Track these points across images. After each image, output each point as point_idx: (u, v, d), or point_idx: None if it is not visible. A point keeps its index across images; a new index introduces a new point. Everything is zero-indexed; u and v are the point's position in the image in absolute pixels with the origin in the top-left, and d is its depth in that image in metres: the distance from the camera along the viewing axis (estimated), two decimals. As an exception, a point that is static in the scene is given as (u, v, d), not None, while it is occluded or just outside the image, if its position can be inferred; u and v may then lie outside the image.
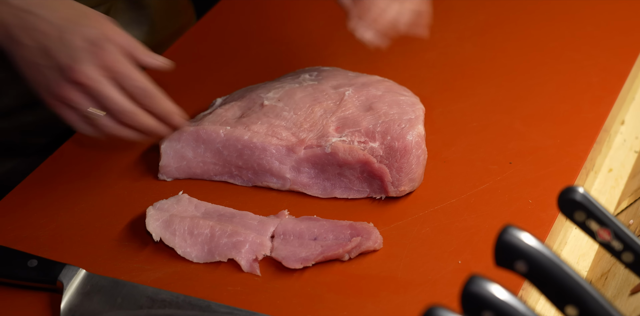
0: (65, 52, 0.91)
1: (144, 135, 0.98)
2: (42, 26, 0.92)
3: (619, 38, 1.23)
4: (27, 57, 0.92)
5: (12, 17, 0.92)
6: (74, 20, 0.93)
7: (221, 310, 0.88)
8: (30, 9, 0.92)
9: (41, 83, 0.93)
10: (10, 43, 0.92)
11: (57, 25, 0.92)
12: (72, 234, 0.99)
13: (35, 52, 0.92)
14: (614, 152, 1.13)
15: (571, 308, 0.64)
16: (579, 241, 1.02)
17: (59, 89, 0.92)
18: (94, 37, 0.92)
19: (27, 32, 0.92)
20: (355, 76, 1.10)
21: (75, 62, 0.91)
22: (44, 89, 0.93)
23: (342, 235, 0.95)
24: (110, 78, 0.92)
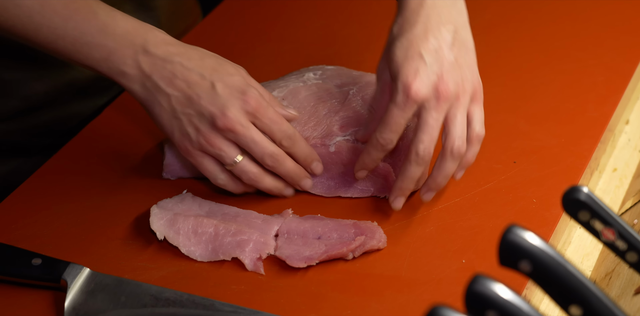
0: (213, 99, 0.93)
1: (284, 184, 0.99)
2: (186, 75, 0.93)
3: (623, 37, 1.23)
4: (170, 107, 0.93)
5: (153, 67, 0.93)
6: (216, 68, 0.94)
7: (225, 309, 0.88)
8: (171, 59, 0.93)
9: (184, 132, 0.94)
10: (149, 93, 0.93)
11: (201, 74, 0.93)
12: (76, 233, 0.99)
13: (181, 101, 0.93)
14: (619, 151, 1.13)
15: (575, 308, 0.64)
16: (583, 241, 1.01)
17: (206, 137, 0.93)
18: (238, 84, 0.94)
19: (171, 81, 0.93)
20: (359, 75, 1.10)
21: (225, 109, 0.92)
22: (187, 138, 0.94)
23: (346, 234, 0.95)
24: (256, 123, 0.94)
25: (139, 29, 0.94)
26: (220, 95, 0.93)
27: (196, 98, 0.93)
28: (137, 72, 0.93)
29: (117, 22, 0.94)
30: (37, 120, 1.18)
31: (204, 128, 0.93)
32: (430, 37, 0.93)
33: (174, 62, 0.93)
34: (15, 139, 1.18)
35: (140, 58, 0.93)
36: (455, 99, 0.93)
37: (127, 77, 0.93)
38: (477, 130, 0.96)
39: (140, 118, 1.13)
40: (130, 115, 1.15)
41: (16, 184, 1.06)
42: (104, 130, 1.14)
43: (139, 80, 0.93)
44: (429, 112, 0.92)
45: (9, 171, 1.18)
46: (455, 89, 0.93)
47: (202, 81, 0.93)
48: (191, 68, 0.94)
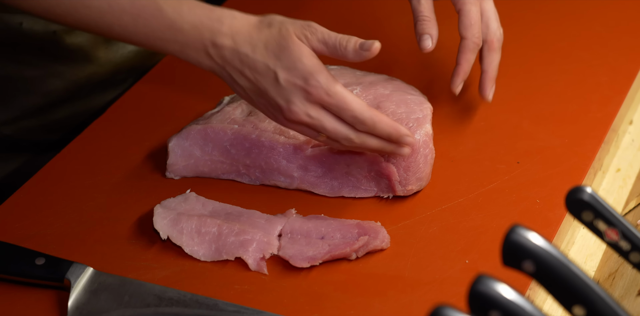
0: (279, 93, 0.93)
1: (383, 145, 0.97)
2: (252, 66, 0.93)
3: (627, 38, 1.23)
4: (247, 95, 0.95)
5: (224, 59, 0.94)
6: (278, 54, 0.93)
7: (228, 309, 0.88)
8: (238, 50, 0.94)
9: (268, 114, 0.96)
10: (229, 81, 0.95)
11: (265, 63, 0.93)
12: (79, 232, 0.99)
13: (254, 91, 0.94)
14: (622, 151, 1.13)
15: (578, 308, 0.64)
16: (587, 241, 1.01)
17: (285, 125, 0.95)
18: (303, 72, 0.93)
19: (242, 72, 0.94)
20: (362, 75, 1.10)
21: (290, 104, 0.92)
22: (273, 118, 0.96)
23: (349, 234, 0.95)
24: (329, 111, 0.93)
25: (205, 21, 0.94)
26: (285, 88, 0.93)
27: (264, 90, 0.93)
28: (212, 64, 0.94)
29: (184, 17, 0.94)
30: (56, 116, 1.19)
31: (279, 117, 0.94)
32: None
33: (241, 53, 0.94)
34: (34, 136, 1.19)
35: (210, 51, 0.94)
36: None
37: (207, 67, 0.95)
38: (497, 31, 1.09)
39: (143, 118, 1.13)
40: (133, 114, 1.15)
41: (28, 178, 1.07)
42: (107, 129, 1.14)
43: (218, 70, 0.95)
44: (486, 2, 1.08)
45: (21, 165, 1.19)
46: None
47: (267, 72, 0.93)
48: (257, 59, 0.93)
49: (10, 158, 1.20)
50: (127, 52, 1.21)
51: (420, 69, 1.20)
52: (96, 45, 1.17)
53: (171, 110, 1.16)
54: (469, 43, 1.05)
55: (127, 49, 1.21)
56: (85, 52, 1.16)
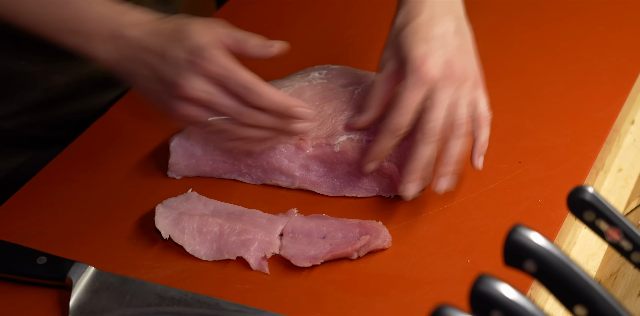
0: (170, 70, 0.93)
1: (274, 133, 0.97)
2: (148, 54, 0.93)
3: (629, 38, 1.23)
4: (146, 86, 0.94)
5: (124, 50, 0.94)
6: (174, 35, 0.94)
7: (230, 308, 0.88)
8: (141, 38, 0.94)
9: (163, 108, 0.95)
10: (127, 75, 0.95)
11: (160, 46, 0.93)
12: (81, 231, 0.99)
13: (151, 79, 0.94)
14: (624, 151, 1.13)
15: (580, 308, 0.64)
16: (588, 241, 1.01)
17: (175, 109, 0.93)
18: (192, 48, 0.92)
19: (143, 61, 0.94)
20: (364, 75, 1.10)
21: (179, 78, 0.92)
22: (167, 113, 0.95)
23: (350, 234, 0.95)
24: (217, 84, 0.93)
25: (114, 12, 0.95)
26: (175, 65, 0.92)
27: (160, 73, 0.93)
28: (116, 55, 0.94)
29: (91, 8, 0.95)
30: (57, 113, 1.19)
31: (172, 101, 0.93)
32: (435, 25, 0.98)
33: (146, 41, 0.94)
34: (35, 131, 1.19)
35: (117, 41, 0.94)
36: (460, 82, 0.97)
37: (103, 61, 0.95)
38: (484, 112, 0.99)
39: (145, 118, 1.13)
40: (134, 114, 1.15)
41: (31, 175, 1.07)
42: (109, 128, 1.14)
43: (112, 63, 0.94)
44: (439, 92, 0.95)
45: (25, 162, 1.19)
46: (461, 72, 0.97)
47: (162, 54, 0.93)
48: (158, 44, 0.93)
49: (12, 154, 1.20)
50: None
51: (422, 69, 1.20)
52: None
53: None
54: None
55: None
56: None
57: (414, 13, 0.99)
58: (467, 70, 0.98)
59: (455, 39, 0.99)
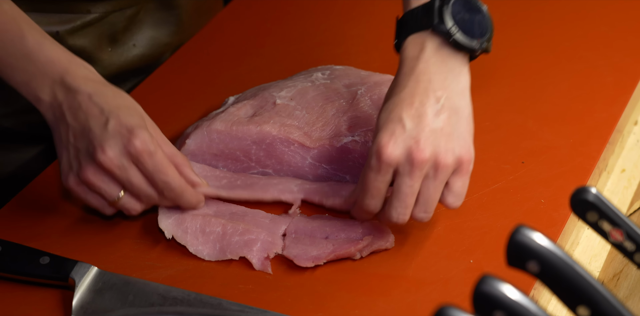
0: (101, 134, 0.92)
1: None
2: (89, 108, 0.93)
3: (632, 38, 1.23)
4: (66, 137, 0.93)
5: (65, 97, 0.93)
6: (120, 106, 0.93)
7: (232, 308, 0.88)
8: (83, 91, 0.93)
9: (71, 166, 0.93)
10: (55, 121, 0.94)
11: (102, 108, 0.93)
12: (84, 231, 0.99)
13: (76, 132, 0.93)
14: (627, 152, 1.13)
15: (583, 309, 0.64)
16: (591, 242, 1.01)
17: (86, 173, 0.92)
18: (132, 124, 0.92)
19: (74, 112, 0.93)
20: (367, 75, 1.10)
21: (106, 146, 0.91)
22: (72, 172, 0.93)
23: (353, 234, 0.95)
24: (138, 166, 0.93)
25: (63, 59, 0.94)
26: (109, 131, 0.92)
27: (88, 131, 0.92)
28: (51, 100, 0.93)
29: (43, 49, 0.94)
30: None
31: (85, 164, 0.92)
32: (416, 102, 0.89)
33: (84, 94, 0.93)
34: (36, 130, 1.19)
35: (56, 87, 0.93)
36: (431, 168, 0.89)
37: (41, 103, 0.94)
38: (450, 203, 0.92)
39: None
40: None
41: (34, 175, 1.07)
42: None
43: (51, 108, 0.93)
44: (402, 178, 0.88)
45: (27, 161, 1.19)
46: (433, 157, 0.88)
47: (100, 115, 0.93)
48: (96, 102, 0.93)
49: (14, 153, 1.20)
50: (132, 55, 1.21)
51: (425, 69, 1.20)
52: (100, 48, 1.17)
53: (175, 110, 1.16)
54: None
55: (132, 53, 1.21)
56: (88, 53, 1.16)
57: (399, 87, 0.91)
58: (445, 154, 0.88)
59: (438, 119, 0.89)
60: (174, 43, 1.25)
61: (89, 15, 1.14)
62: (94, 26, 1.15)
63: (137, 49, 1.21)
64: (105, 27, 1.16)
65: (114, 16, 1.16)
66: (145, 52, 1.22)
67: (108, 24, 1.16)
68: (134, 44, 1.21)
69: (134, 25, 1.19)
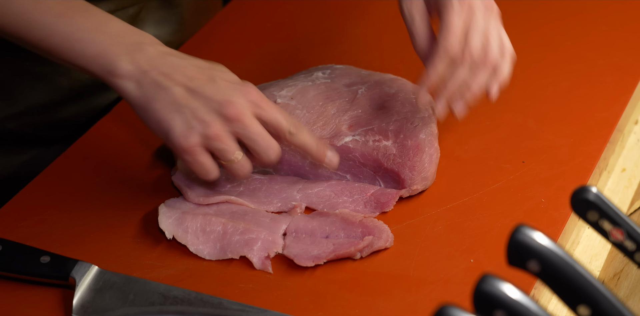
0: (217, 91, 0.91)
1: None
2: (184, 70, 0.92)
3: (633, 37, 1.23)
4: (172, 101, 0.90)
5: (151, 63, 0.91)
6: (211, 66, 0.94)
7: (233, 307, 0.88)
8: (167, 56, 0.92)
9: (189, 126, 0.91)
10: (147, 90, 0.91)
11: (199, 68, 0.92)
12: (84, 231, 0.99)
13: (184, 94, 0.91)
14: (628, 151, 1.13)
15: (583, 308, 0.64)
16: (592, 241, 1.01)
17: (214, 129, 0.90)
18: (236, 78, 0.93)
19: (170, 76, 0.91)
20: (368, 74, 1.10)
21: (230, 98, 0.91)
22: (191, 133, 0.90)
23: (353, 233, 0.95)
24: (260, 114, 0.92)
25: (134, 30, 0.93)
26: (221, 87, 0.91)
27: (199, 90, 0.91)
28: (133, 68, 0.91)
29: (111, 22, 0.93)
30: (61, 114, 1.19)
31: (211, 119, 0.90)
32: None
33: (170, 58, 0.92)
34: (38, 131, 1.19)
35: (136, 55, 0.91)
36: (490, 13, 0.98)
37: (120, 74, 0.91)
38: (509, 46, 0.98)
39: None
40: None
41: (35, 173, 1.07)
42: (112, 128, 1.14)
43: (135, 77, 0.91)
44: (476, 18, 0.95)
45: (28, 161, 1.19)
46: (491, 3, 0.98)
47: (200, 75, 0.92)
48: (188, 64, 0.92)
49: (16, 153, 1.20)
50: None
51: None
52: None
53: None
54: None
55: None
56: None
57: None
58: (492, 3, 0.98)
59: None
60: (176, 41, 1.25)
61: None
62: None
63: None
64: None
65: (117, 15, 1.16)
66: None
67: None
68: None
69: (136, 24, 1.19)
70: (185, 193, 1.00)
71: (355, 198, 1.00)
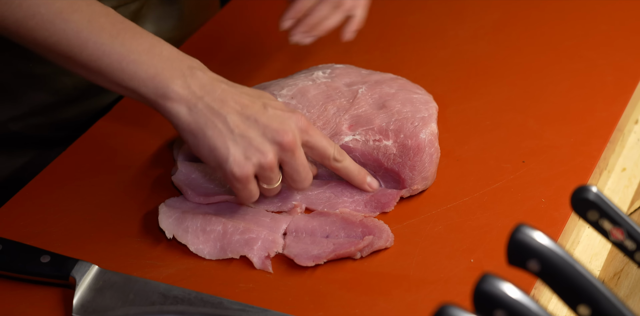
0: (272, 119, 0.91)
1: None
2: (237, 98, 0.92)
3: (633, 37, 1.23)
4: (227, 129, 0.90)
5: (204, 89, 0.91)
6: (259, 93, 0.94)
7: (233, 307, 0.88)
8: (219, 84, 0.92)
9: (246, 155, 0.91)
10: (201, 115, 0.90)
11: (250, 96, 0.93)
12: (85, 230, 0.99)
13: (238, 123, 0.91)
14: (628, 151, 1.13)
15: (583, 308, 0.64)
16: (592, 241, 1.01)
17: (268, 158, 0.91)
18: (284, 105, 0.94)
19: (224, 103, 0.91)
20: (368, 74, 1.10)
21: (285, 126, 0.91)
22: (247, 162, 0.90)
23: (353, 233, 0.95)
24: (307, 140, 0.94)
25: (184, 55, 0.93)
26: (274, 115, 0.92)
27: (254, 119, 0.91)
28: (187, 93, 0.90)
29: (163, 45, 0.92)
30: (65, 114, 1.19)
31: (267, 150, 0.91)
32: None
33: (222, 85, 0.92)
34: (41, 132, 1.19)
35: (189, 79, 0.91)
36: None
37: (173, 98, 0.90)
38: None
39: (149, 116, 1.13)
40: (139, 112, 1.15)
41: (35, 174, 1.07)
42: (113, 127, 1.14)
43: (188, 102, 0.91)
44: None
45: (29, 161, 1.19)
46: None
47: (252, 103, 0.92)
48: (238, 91, 0.93)
49: (17, 154, 1.20)
50: None
51: (426, 68, 1.20)
52: None
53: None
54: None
55: None
56: None
57: None
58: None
59: None
60: (176, 37, 1.26)
61: None
62: None
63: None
64: None
65: (119, 11, 1.16)
66: None
67: None
68: None
69: (138, 21, 1.19)
70: (185, 192, 1.00)
71: (356, 198, 1.00)
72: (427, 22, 1.29)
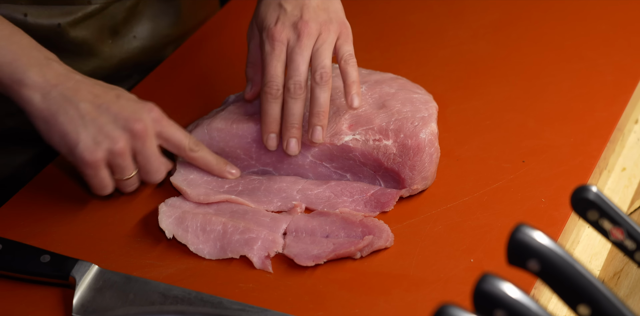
0: (124, 108, 0.94)
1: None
2: (92, 88, 0.95)
3: (633, 37, 1.23)
4: (79, 116, 0.93)
5: (59, 78, 0.94)
6: (113, 87, 0.97)
7: (233, 307, 0.88)
8: (74, 75, 0.95)
9: (97, 141, 0.93)
10: (53, 102, 0.93)
11: (103, 87, 0.95)
12: (85, 230, 0.99)
13: (90, 110, 0.93)
14: (628, 151, 1.13)
15: (583, 307, 0.64)
16: (592, 240, 1.01)
17: (119, 144, 0.93)
18: (138, 99, 0.97)
19: (77, 91, 0.94)
20: (368, 73, 1.10)
21: (137, 114, 0.94)
22: (97, 147, 0.93)
23: (353, 233, 0.95)
24: (161, 131, 0.97)
25: (41, 46, 0.96)
26: (127, 104, 0.95)
27: (106, 107, 0.94)
28: (42, 81, 0.93)
29: (24, 35, 0.95)
30: None
31: (118, 135, 0.93)
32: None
33: (76, 77, 0.95)
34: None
35: (45, 68, 0.93)
36: (319, 37, 1.00)
37: (28, 85, 0.93)
38: (346, 49, 1.01)
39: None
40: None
41: (35, 173, 1.07)
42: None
43: (42, 89, 0.93)
44: (293, 49, 0.99)
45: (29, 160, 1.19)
46: (317, 28, 1.00)
47: (105, 94, 0.95)
48: (94, 83, 0.95)
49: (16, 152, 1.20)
50: (132, 47, 1.21)
51: (426, 68, 1.20)
52: (101, 39, 1.17)
53: (175, 109, 1.15)
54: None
55: (133, 45, 1.21)
56: (89, 45, 1.16)
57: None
58: (327, 25, 1.00)
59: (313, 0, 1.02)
60: (174, 34, 1.26)
61: (89, 6, 1.14)
62: (95, 18, 1.15)
63: (138, 40, 1.21)
64: (106, 19, 1.16)
65: (114, 7, 1.16)
66: (146, 44, 1.22)
67: (108, 15, 1.16)
68: (134, 36, 1.21)
69: (134, 17, 1.20)
70: (184, 192, 1.00)
71: (356, 198, 1.00)
72: (427, 22, 1.29)
